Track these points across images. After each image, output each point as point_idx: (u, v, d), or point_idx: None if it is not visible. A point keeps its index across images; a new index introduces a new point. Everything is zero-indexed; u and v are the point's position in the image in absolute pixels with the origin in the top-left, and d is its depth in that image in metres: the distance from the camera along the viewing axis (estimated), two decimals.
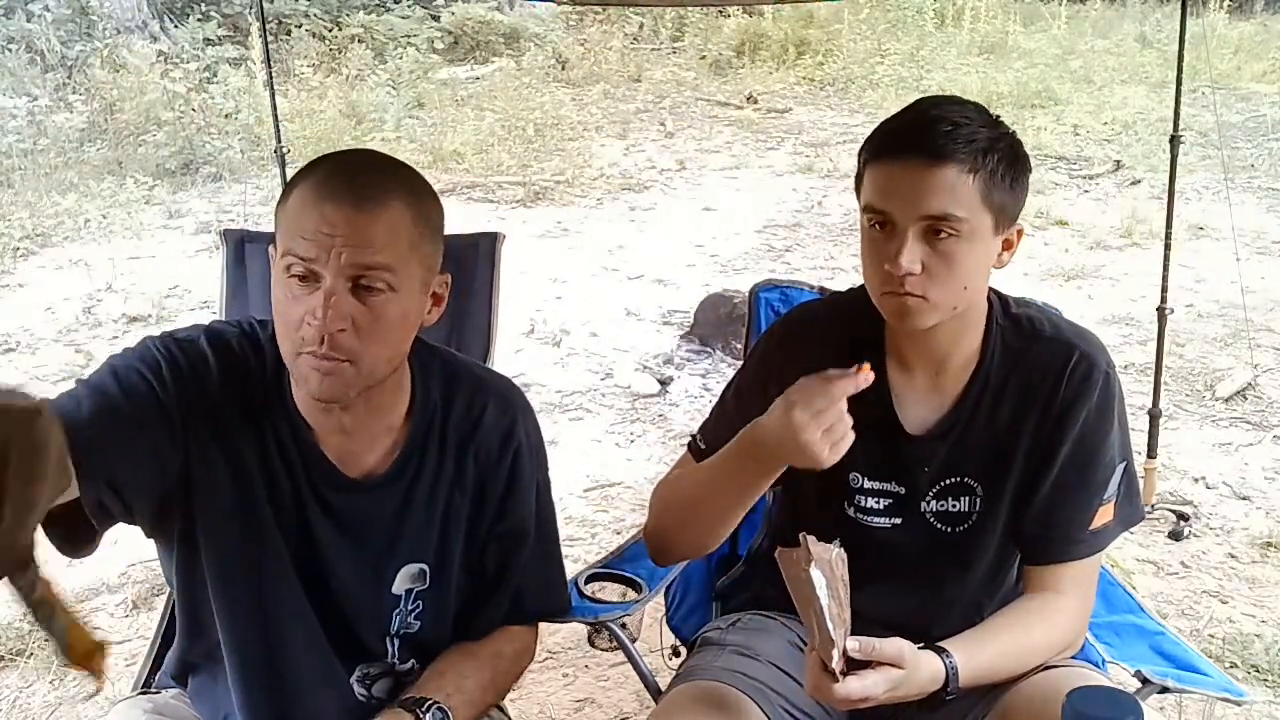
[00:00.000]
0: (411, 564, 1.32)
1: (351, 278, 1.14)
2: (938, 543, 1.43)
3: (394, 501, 1.30)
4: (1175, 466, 3.45)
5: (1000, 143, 1.29)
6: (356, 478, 1.29)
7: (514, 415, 1.36)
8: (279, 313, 1.18)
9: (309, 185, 1.17)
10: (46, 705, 2.46)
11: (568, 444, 3.74)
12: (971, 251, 1.29)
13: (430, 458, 1.31)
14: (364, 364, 1.17)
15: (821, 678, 1.18)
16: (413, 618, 1.34)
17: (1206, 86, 6.94)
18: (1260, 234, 5.73)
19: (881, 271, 1.30)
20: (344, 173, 1.18)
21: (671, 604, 1.82)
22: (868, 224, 1.33)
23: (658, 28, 11.04)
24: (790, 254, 5.73)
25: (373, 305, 1.15)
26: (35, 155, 6.91)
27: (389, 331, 1.18)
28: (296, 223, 1.15)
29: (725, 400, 1.53)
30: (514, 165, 7.27)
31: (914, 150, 1.27)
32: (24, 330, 4.71)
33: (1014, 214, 1.33)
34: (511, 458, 1.34)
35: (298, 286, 1.15)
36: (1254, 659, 2.50)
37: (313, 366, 1.16)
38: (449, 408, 1.33)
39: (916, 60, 9.74)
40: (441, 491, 1.32)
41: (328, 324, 1.13)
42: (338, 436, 1.28)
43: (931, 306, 1.30)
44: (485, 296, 2.05)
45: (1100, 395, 1.37)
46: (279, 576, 1.28)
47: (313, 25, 9.49)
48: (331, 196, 1.14)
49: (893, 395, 1.42)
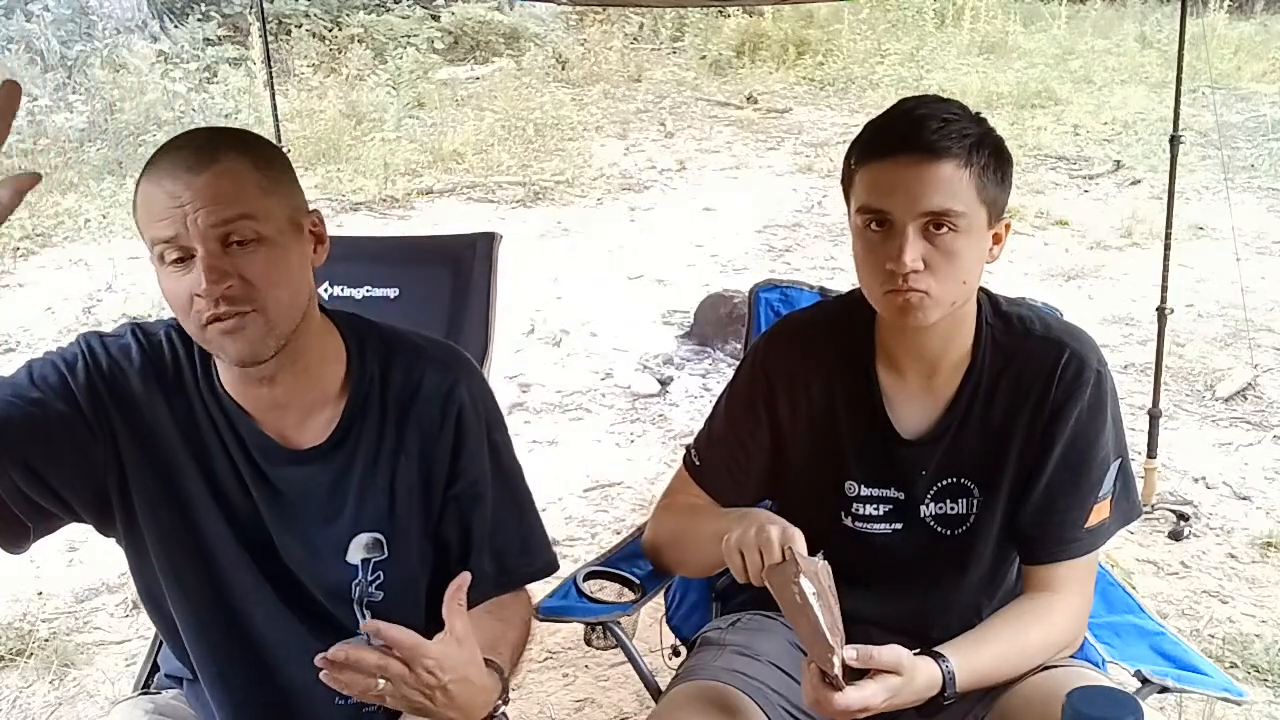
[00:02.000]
0: (363, 534, 1.32)
1: (219, 239, 1.15)
2: (937, 546, 1.43)
3: (335, 472, 1.31)
4: (1175, 466, 3.44)
5: (988, 138, 1.31)
6: (295, 450, 1.30)
7: (454, 377, 1.35)
8: (173, 305, 1.19)
9: (146, 177, 1.18)
10: (46, 705, 2.46)
11: (568, 444, 3.74)
12: (970, 245, 1.30)
13: (370, 427, 1.31)
14: (269, 310, 1.18)
15: (821, 690, 1.18)
16: (374, 588, 1.33)
17: (1206, 86, 6.94)
18: (1260, 234, 5.73)
19: (882, 271, 1.29)
20: (172, 151, 1.19)
21: (671, 604, 1.83)
22: (863, 225, 1.32)
23: (658, 28, 11.03)
24: (790, 254, 5.73)
25: (251, 258, 1.17)
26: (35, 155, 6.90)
27: (278, 274, 1.19)
28: (148, 211, 1.16)
29: (716, 417, 1.53)
30: (514, 165, 7.27)
31: (910, 147, 1.27)
32: (24, 330, 4.71)
33: (1002, 208, 1.34)
34: (455, 419, 1.33)
35: (177, 271, 1.17)
36: (1254, 659, 2.50)
37: (221, 331, 1.17)
38: (387, 376, 1.33)
39: (916, 60, 9.74)
40: (385, 460, 1.32)
41: (215, 286, 1.15)
42: (272, 413, 1.29)
43: (934, 302, 1.30)
44: (483, 296, 2.06)
45: (1092, 393, 1.37)
46: (226, 556, 1.29)
47: (313, 25, 9.49)
48: (170, 173, 1.16)
49: (885, 400, 1.42)
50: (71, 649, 2.63)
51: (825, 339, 1.46)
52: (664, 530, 1.55)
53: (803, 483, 1.47)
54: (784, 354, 1.48)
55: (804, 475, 1.48)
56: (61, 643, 2.64)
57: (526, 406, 4.02)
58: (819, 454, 1.46)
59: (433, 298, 2.06)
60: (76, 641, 2.67)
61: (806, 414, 1.46)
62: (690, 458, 1.51)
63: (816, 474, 1.46)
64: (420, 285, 2.08)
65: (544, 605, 1.64)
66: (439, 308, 2.06)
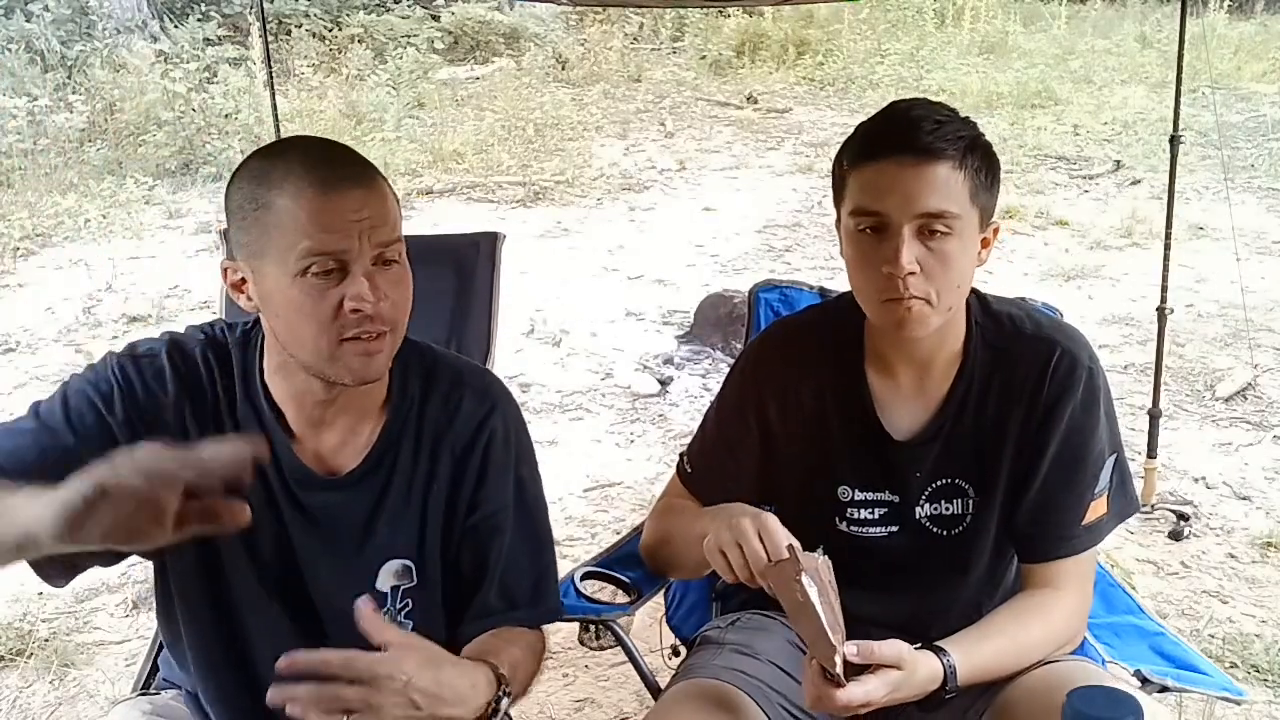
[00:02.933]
0: (394, 560, 1.31)
1: (377, 257, 1.16)
2: (934, 547, 1.43)
3: (370, 496, 1.29)
4: (1175, 466, 3.45)
5: (979, 141, 1.30)
6: (331, 475, 1.28)
7: (490, 405, 1.34)
8: (304, 314, 1.16)
9: (301, 188, 1.14)
10: (47, 705, 2.46)
11: (568, 444, 3.74)
12: (963, 249, 1.29)
13: (405, 451, 1.30)
14: (397, 332, 1.21)
15: (823, 687, 1.17)
16: (403, 616, 1.32)
17: (1206, 86, 6.95)
18: (1260, 234, 5.73)
19: (879, 276, 1.28)
20: (323, 163, 1.17)
21: (671, 603, 1.83)
22: (856, 229, 1.31)
23: (658, 28, 11.04)
24: (790, 254, 5.73)
25: (394, 280, 1.19)
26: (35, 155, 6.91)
27: (408, 297, 1.22)
28: (314, 222, 1.13)
29: (707, 425, 1.53)
30: (514, 165, 7.27)
31: (905, 148, 1.26)
32: (24, 330, 4.71)
33: (992, 212, 1.34)
34: (484, 447, 1.32)
35: (322, 282, 1.15)
36: (1254, 659, 2.50)
37: (362, 350, 1.17)
38: (426, 401, 1.32)
39: (916, 60, 9.75)
40: (418, 486, 1.31)
41: (378, 303, 1.15)
42: (314, 432, 1.27)
43: (933, 309, 1.29)
44: (485, 296, 2.06)
45: (1084, 389, 1.36)
46: (242, 587, 1.27)
47: (313, 25, 9.50)
48: (335, 186, 1.14)
49: (875, 402, 1.42)
50: (71, 649, 2.63)
51: (815, 343, 1.46)
52: (657, 534, 1.55)
53: (796, 488, 1.47)
54: (773, 360, 1.47)
55: (797, 481, 1.48)
56: (61, 643, 2.64)
57: (526, 406, 4.02)
58: (811, 459, 1.46)
59: (435, 297, 2.06)
60: (76, 641, 2.67)
61: (797, 419, 1.45)
62: (683, 465, 1.52)
63: (809, 479, 1.46)
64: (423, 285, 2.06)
65: None
66: (442, 307, 2.06)
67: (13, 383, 4.21)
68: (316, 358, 1.19)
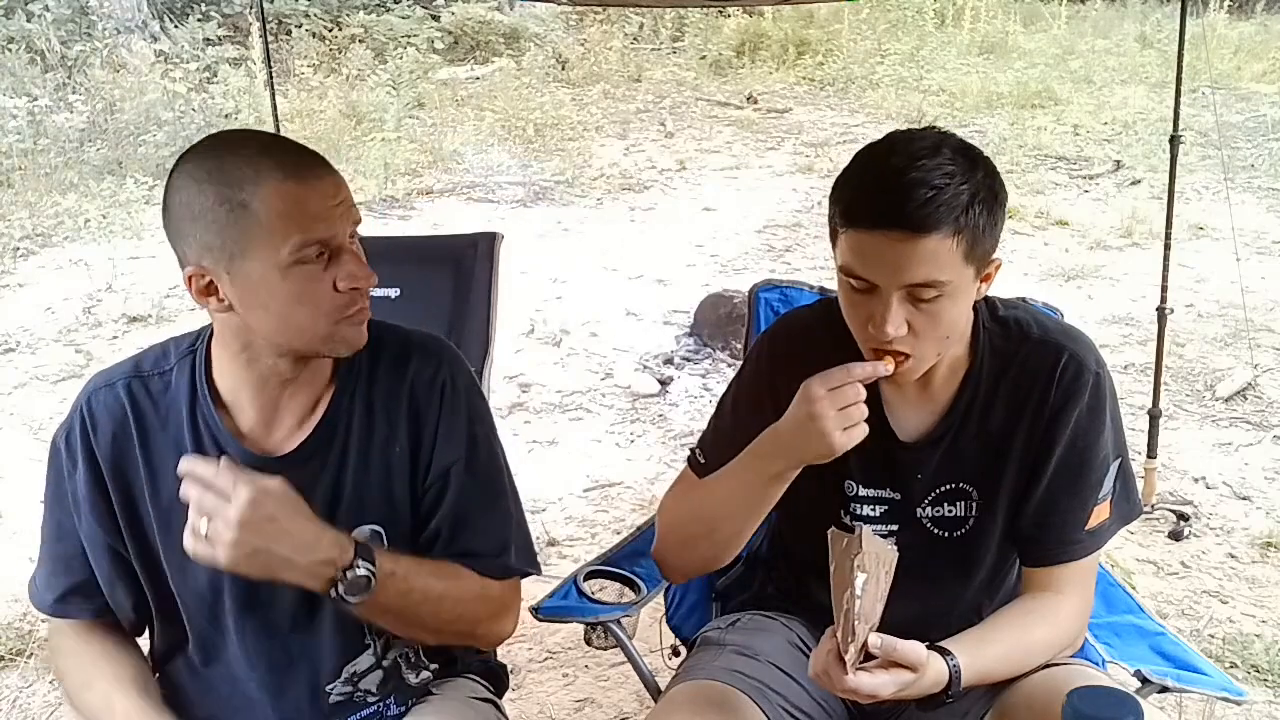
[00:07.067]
0: (363, 526, 1.32)
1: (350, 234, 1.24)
2: (936, 548, 1.43)
3: (331, 469, 1.32)
4: (1175, 466, 3.45)
5: (980, 191, 1.24)
6: (284, 454, 1.31)
7: (438, 362, 1.37)
8: (301, 302, 1.21)
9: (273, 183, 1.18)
10: (47, 705, 2.46)
11: (567, 444, 3.74)
12: (955, 305, 1.28)
13: (358, 419, 1.33)
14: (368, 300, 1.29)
15: (832, 664, 1.18)
16: None
17: (1206, 86, 6.95)
18: (1260, 234, 5.73)
19: (865, 330, 1.28)
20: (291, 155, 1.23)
21: (671, 604, 1.82)
22: (845, 280, 1.29)
23: (658, 28, 11.04)
24: (790, 254, 5.73)
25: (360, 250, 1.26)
26: (35, 155, 6.90)
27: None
28: (303, 213, 1.19)
29: (722, 414, 1.52)
30: (514, 165, 7.27)
31: (894, 223, 1.21)
32: (24, 330, 4.71)
33: (992, 250, 1.31)
34: (439, 402, 1.35)
35: (314, 269, 1.21)
36: (1254, 659, 2.50)
37: (356, 321, 1.26)
38: (374, 369, 1.35)
39: (916, 60, 9.74)
40: (377, 449, 1.33)
41: (368, 277, 1.25)
42: (267, 413, 1.31)
43: (918, 361, 1.30)
44: (484, 296, 2.06)
45: (1091, 395, 1.36)
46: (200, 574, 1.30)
47: (313, 25, 9.50)
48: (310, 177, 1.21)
49: (884, 402, 1.42)
50: None
51: (826, 338, 1.45)
52: (679, 513, 1.49)
53: (805, 478, 1.47)
54: (787, 350, 1.47)
55: (806, 472, 1.47)
56: None
57: (526, 406, 4.02)
58: None
59: (434, 297, 2.06)
60: None
61: None
62: (695, 457, 1.51)
63: (818, 470, 1.45)
64: (422, 285, 2.08)
65: (544, 605, 1.64)
66: (441, 307, 2.06)
67: (13, 383, 4.21)
68: (312, 339, 1.25)
